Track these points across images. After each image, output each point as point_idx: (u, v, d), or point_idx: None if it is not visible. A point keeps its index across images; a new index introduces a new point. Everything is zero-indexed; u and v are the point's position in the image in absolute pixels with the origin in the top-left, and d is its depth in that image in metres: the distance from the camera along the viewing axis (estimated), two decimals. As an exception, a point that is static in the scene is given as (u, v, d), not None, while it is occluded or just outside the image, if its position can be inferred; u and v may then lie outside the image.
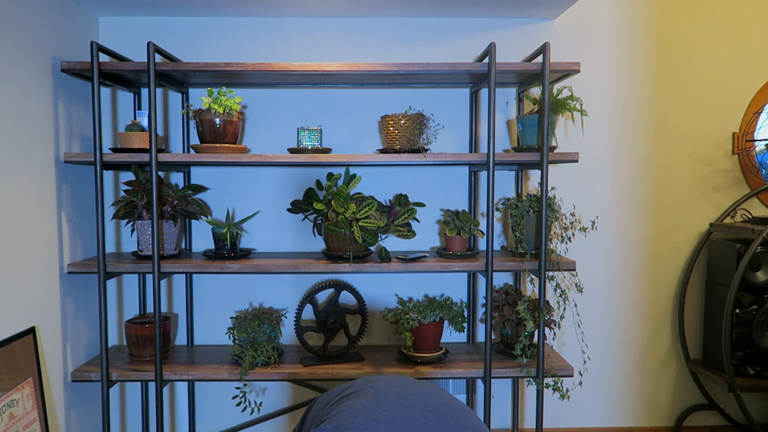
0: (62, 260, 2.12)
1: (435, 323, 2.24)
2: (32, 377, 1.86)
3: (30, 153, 1.93)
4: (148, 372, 2.13)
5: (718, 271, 2.49)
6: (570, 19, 2.48)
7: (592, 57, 2.50)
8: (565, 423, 2.66)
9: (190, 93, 2.44)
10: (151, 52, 1.98)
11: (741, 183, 2.59)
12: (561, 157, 2.13)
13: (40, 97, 1.99)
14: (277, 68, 2.06)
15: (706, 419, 2.68)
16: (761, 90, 2.56)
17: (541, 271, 2.09)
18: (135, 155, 2.07)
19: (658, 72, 2.54)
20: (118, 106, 2.45)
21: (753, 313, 2.36)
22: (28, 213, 1.91)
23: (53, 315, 2.07)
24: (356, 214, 2.12)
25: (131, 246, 2.47)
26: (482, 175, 2.46)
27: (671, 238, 2.61)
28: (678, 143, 2.57)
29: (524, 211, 2.21)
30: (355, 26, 2.45)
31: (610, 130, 2.55)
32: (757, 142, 2.55)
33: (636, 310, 2.63)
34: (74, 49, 2.19)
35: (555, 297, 2.24)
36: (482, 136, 2.48)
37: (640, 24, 2.52)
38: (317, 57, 2.41)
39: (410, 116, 2.19)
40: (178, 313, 2.54)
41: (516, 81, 2.38)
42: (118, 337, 2.51)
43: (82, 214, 2.26)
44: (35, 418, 1.86)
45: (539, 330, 2.12)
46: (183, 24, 2.42)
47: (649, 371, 2.66)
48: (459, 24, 2.47)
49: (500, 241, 2.57)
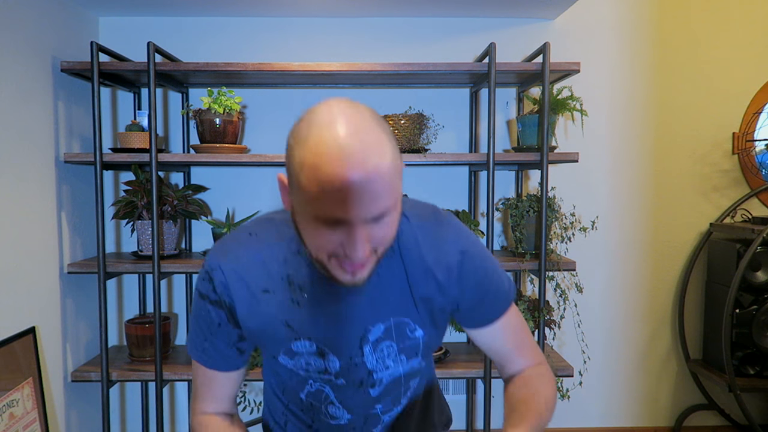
0: (62, 260, 2.12)
1: (435, 323, 2.24)
2: (32, 377, 1.86)
3: (30, 153, 1.93)
4: (148, 372, 2.13)
5: (718, 271, 2.49)
6: (570, 19, 2.48)
7: (592, 57, 2.50)
8: (565, 423, 2.66)
9: (190, 93, 2.44)
10: (151, 52, 1.98)
11: (741, 183, 2.59)
12: (561, 157, 2.13)
13: (40, 97, 1.99)
14: (277, 68, 2.06)
15: (706, 419, 2.68)
16: (761, 90, 2.56)
17: (541, 271, 2.09)
18: (135, 155, 2.07)
19: (658, 72, 2.54)
20: (118, 106, 2.45)
21: (753, 313, 2.36)
22: (28, 213, 1.91)
23: (53, 315, 2.07)
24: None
25: (131, 246, 2.47)
26: (482, 175, 2.46)
27: (671, 238, 2.61)
28: (678, 143, 2.57)
29: (524, 211, 2.21)
30: (355, 26, 2.45)
31: (610, 130, 2.55)
32: (757, 142, 2.55)
33: (636, 310, 2.63)
34: (74, 49, 2.19)
35: (555, 297, 2.23)
36: (482, 136, 2.48)
37: (640, 24, 2.52)
38: (317, 57, 2.41)
39: (410, 116, 2.19)
40: (178, 313, 2.54)
41: (516, 81, 2.38)
42: (118, 337, 2.51)
43: (82, 214, 2.26)
44: (35, 418, 1.86)
45: (539, 330, 2.12)
46: (183, 24, 2.42)
47: (649, 371, 2.66)
48: (459, 24, 2.47)
49: (500, 241, 2.57)
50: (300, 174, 0.71)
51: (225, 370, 0.96)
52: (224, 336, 0.92)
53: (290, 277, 0.87)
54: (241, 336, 0.93)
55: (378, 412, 0.99)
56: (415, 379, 1.01)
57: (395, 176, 0.73)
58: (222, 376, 0.96)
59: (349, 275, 0.78)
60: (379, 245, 0.78)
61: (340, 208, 0.70)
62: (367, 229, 0.74)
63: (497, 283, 0.95)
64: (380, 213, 0.73)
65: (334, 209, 0.71)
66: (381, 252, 0.80)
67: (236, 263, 0.88)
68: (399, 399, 1.00)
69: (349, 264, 0.77)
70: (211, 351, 0.94)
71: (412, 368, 0.98)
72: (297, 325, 0.89)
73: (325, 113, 0.72)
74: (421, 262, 0.89)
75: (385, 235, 0.77)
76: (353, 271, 0.78)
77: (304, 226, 0.77)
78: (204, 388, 0.98)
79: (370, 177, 0.69)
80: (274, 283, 0.88)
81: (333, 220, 0.72)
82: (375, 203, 0.71)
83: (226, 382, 0.97)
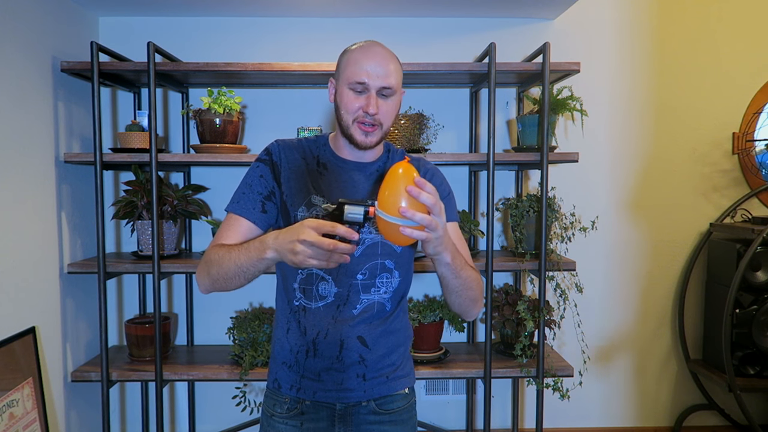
0: (62, 260, 2.12)
1: (435, 323, 2.24)
2: (32, 377, 1.86)
3: (30, 153, 1.93)
4: (148, 372, 2.13)
5: (718, 271, 2.49)
6: (570, 19, 2.48)
7: (592, 57, 2.50)
8: (565, 423, 2.66)
9: (190, 93, 2.44)
10: (151, 52, 1.98)
11: (741, 183, 2.59)
12: (561, 157, 2.13)
13: (40, 97, 1.99)
14: (277, 68, 2.06)
15: (706, 419, 2.68)
16: (761, 90, 2.56)
17: (541, 271, 2.09)
18: (135, 155, 2.07)
19: (658, 72, 2.54)
20: (118, 106, 2.45)
21: (753, 313, 2.36)
22: (28, 213, 1.91)
23: (53, 315, 2.07)
24: (356, 214, 2.11)
25: (131, 246, 2.47)
26: (482, 175, 2.46)
27: (671, 238, 2.61)
28: (678, 143, 2.57)
29: (524, 211, 2.21)
30: (355, 26, 2.45)
31: (610, 130, 2.55)
32: (757, 142, 2.55)
33: (636, 310, 2.63)
34: (74, 49, 2.19)
35: (555, 297, 2.23)
36: (482, 136, 2.48)
37: (640, 24, 2.52)
38: (317, 57, 2.41)
39: (410, 116, 2.19)
40: (178, 313, 2.53)
41: (516, 81, 2.38)
42: (118, 337, 2.51)
43: (82, 214, 2.26)
44: (35, 418, 1.86)
45: (539, 330, 2.12)
46: (183, 24, 2.42)
47: (649, 371, 2.66)
48: (459, 24, 2.47)
49: (500, 241, 2.57)
50: (342, 57, 1.21)
51: (248, 218, 1.20)
52: (261, 186, 1.21)
53: (318, 157, 1.26)
54: (273, 193, 1.22)
55: (358, 282, 1.21)
56: (390, 261, 1.24)
57: (401, 72, 1.21)
58: (244, 223, 1.20)
59: (363, 136, 1.18)
60: (384, 119, 1.18)
61: (364, 73, 1.15)
62: (378, 99, 1.16)
63: (452, 198, 1.32)
64: (388, 86, 1.16)
65: (360, 73, 1.15)
66: (385, 129, 1.19)
67: (285, 143, 1.27)
68: (375, 273, 1.22)
69: (365, 126, 1.17)
70: (245, 198, 1.21)
71: (388, 241, 1.21)
72: (317, 186, 1.22)
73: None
74: None
75: (388, 111, 1.18)
76: (367, 131, 1.17)
77: (340, 99, 1.19)
78: (225, 232, 1.20)
79: (386, 55, 1.18)
80: (308, 159, 1.25)
81: (359, 84, 1.15)
82: (386, 77, 1.16)
83: (245, 230, 1.20)
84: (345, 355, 1.22)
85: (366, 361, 1.23)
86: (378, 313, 1.24)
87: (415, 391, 1.34)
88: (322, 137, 1.29)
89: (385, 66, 1.16)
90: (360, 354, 1.23)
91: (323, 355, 1.22)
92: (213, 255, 1.15)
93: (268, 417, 1.27)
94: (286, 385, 1.25)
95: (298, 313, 1.23)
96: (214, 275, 1.15)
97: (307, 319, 1.22)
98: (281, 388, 1.26)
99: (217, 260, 1.13)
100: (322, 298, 1.21)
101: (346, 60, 1.19)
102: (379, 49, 1.18)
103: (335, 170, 1.24)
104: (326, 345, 1.21)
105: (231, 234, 1.20)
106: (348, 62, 1.18)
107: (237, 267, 1.10)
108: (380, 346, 1.25)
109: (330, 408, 1.24)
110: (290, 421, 1.24)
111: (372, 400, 1.25)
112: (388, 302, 1.25)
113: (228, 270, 1.12)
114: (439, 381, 2.59)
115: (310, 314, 1.22)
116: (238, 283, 1.14)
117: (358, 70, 1.15)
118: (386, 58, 1.17)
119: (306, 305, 1.22)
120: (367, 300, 1.23)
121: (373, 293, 1.23)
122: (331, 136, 1.29)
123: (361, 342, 1.23)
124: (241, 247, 1.11)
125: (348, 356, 1.22)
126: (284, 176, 1.23)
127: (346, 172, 1.24)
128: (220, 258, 1.13)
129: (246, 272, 1.10)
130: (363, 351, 1.23)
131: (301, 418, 1.24)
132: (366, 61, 1.15)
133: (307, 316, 1.22)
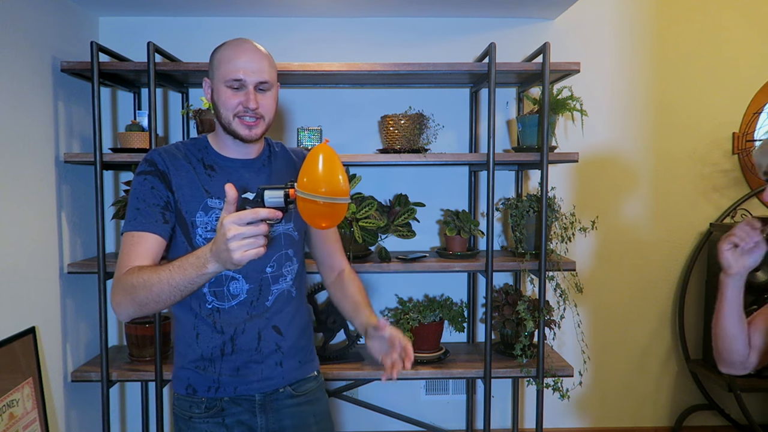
0: (62, 260, 2.12)
1: (435, 323, 2.24)
2: (32, 377, 1.86)
3: (30, 153, 1.93)
4: (148, 372, 2.13)
5: (719, 271, 2.46)
6: (570, 19, 2.48)
7: (592, 57, 2.50)
8: (565, 423, 2.66)
9: (190, 93, 2.44)
10: (151, 52, 1.98)
11: (741, 183, 2.59)
12: (561, 157, 2.13)
13: (40, 97, 1.99)
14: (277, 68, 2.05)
15: (706, 419, 2.68)
16: (761, 90, 2.56)
17: (541, 271, 2.09)
18: (135, 155, 2.07)
19: (658, 72, 2.54)
20: (118, 106, 2.45)
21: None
22: (28, 213, 1.91)
23: (53, 315, 2.07)
24: (356, 214, 2.11)
25: (131, 246, 2.47)
26: (482, 175, 2.46)
27: (671, 238, 2.61)
28: (678, 143, 2.57)
29: (524, 211, 2.21)
30: (355, 26, 2.45)
31: (610, 130, 2.55)
32: (757, 142, 2.55)
33: (636, 310, 2.63)
34: (74, 49, 2.19)
35: (555, 297, 2.23)
36: (482, 136, 2.48)
37: (640, 24, 2.52)
38: (317, 57, 2.41)
39: (410, 116, 2.19)
40: (178, 313, 2.53)
41: (516, 81, 2.38)
42: (118, 337, 2.51)
43: (82, 214, 2.26)
44: (35, 418, 1.86)
45: (539, 330, 2.12)
46: (183, 24, 2.42)
47: (649, 371, 2.66)
48: (459, 24, 2.47)
49: (500, 241, 2.56)
50: (214, 56, 1.22)
51: (153, 231, 1.17)
52: (155, 198, 1.19)
53: (203, 159, 1.26)
54: (168, 203, 1.20)
55: (268, 275, 1.26)
56: (291, 250, 1.31)
57: (274, 70, 1.24)
58: (150, 237, 1.17)
59: (247, 130, 1.20)
60: (265, 113, 1.21)
61: (240, 70, 1.17)
62: (257, 94, 1.19)
63: None
64: (264, 82, 1.19)
65: (236, 71, 1.17)
66: (267, 121, 1.23)
67: (165, 151, 1.24)
68: (282, 263, 1.28)
69: (247, 121, 1.19)
70: (142, 213, 1.18)
71: (288, 232, 1.31)
72: (211, 188, 1.23)
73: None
74: (293, 162, 1.38)
75: (268, 104, 1.22)
76: (249, 126, 1.20)
77: (218, 97, 1.20)
78: (133, 253, 1.15)
79: (260, 52, 1.21)
80: (193, 162, 1.24)
81: (236, 81, 1.17)
82: (262, 73, 1.19)
83: (152, 245, 1.17)
84: (263, 346, 1.27)
85: (282, 348, 1.30)
86: (287, 300, 1.31)
87: (321, 374, 1.43)
88: (199, 139, 1.29)
89: (259, 62, 1.19)
90: (276, 342, 1.29)
91: (242, 350, 1.26)
92: (134, 280, 1.07)
93: (186, 419, 1.29)
94: (202, 388, 1.27)
95: (212, 315, 1.24)
96: (142, 300, 1.07)
97: (223, 319, 1.24)
98: (197, 393, 1.27)
99: (142, 284, 1.06)
100: (234, 297, 1.25)
101: (219, 58, 1.20)
102: (251, 46, 1.21)
103: (223, 170, 1.25)
104: (244, 340, 1.25)
105: (140, 253, 1.14)
106: (221, 60, 1.20)
107: (171, 287, 1.04)
108: (292, 330, 1.32)
109: (250, 400, 1.28)
110: (211, 419, 1.27)
111: (288, 385, 1.31)
112: (293, 288, 1.32)
113: (160, 292, 1.05)
114: (439, 381, 2.59)
115: (224, 314, 1.24)
116: (171, 303, 1.08)
117: (233, 67, 1.17)
118: (260, 54, 1.20)
119: (219, 306, 1.24)
120: (277, 290, 1.28)
121: (281, 282, 1.29)
122: (211, 137, 1.29)
123: (276, 331, 1.29)
124: (171, 267, 1.04)
125: (266, 346, 1.27)
126: (175, 183, 1.21)
127: (235, 171, 1.26)
128: (146, 281, 1.06)
129: (183, 291, 1.05)
130: (278, 339, 1.29)
131: (222, 415, 1.27)
132: (240, 58, 1.18)
133: (222, 317, 1.24)
